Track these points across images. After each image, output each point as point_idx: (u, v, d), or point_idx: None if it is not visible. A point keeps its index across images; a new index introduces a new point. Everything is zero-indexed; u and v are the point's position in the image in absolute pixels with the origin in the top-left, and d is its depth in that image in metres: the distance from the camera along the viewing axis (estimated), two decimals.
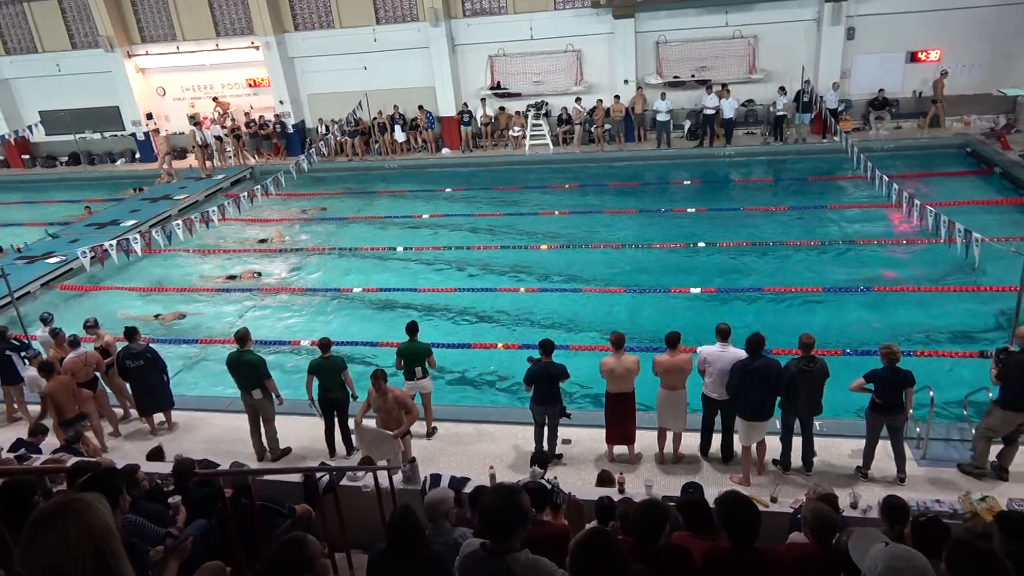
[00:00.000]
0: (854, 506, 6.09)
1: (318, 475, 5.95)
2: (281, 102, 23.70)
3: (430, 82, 22.45)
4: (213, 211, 15.61)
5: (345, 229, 17.45)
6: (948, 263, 12.34)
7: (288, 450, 8.74)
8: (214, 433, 9.24)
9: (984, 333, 10.36)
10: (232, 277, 14.81)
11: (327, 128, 22.89)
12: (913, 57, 19.93)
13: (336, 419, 8.55)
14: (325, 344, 8.45)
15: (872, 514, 5.67)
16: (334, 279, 14.42)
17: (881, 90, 19.81)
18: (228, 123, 23.53)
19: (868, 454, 7.43)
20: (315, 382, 8.43)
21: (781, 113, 19.72)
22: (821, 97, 19.62)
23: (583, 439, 8.43)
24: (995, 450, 7.32)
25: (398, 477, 6.47)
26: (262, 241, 16.23)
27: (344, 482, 6.41)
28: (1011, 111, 19.14)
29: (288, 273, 15.11)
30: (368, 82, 22.82)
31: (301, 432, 8.96)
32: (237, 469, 6.33)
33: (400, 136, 22.53)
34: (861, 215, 15.23)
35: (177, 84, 24.94)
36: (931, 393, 7.44)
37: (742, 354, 7.34)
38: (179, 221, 15.13)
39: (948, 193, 15.65)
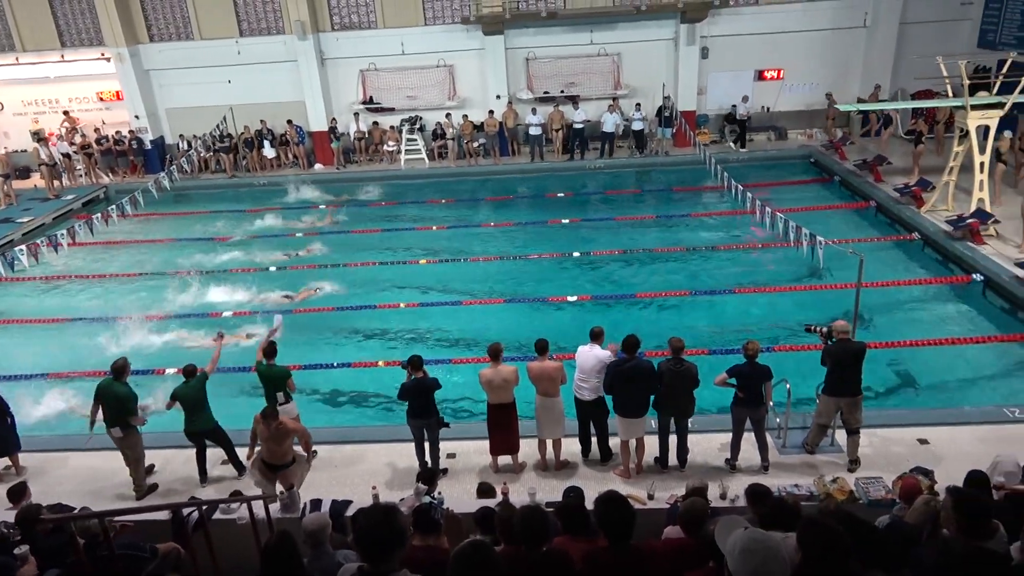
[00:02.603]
0: (723, 496, 6.46)
1: (186, 511, 5.60)
2: (137, 117, 22.30)
3: (299, 96, 21.87)
4: (62, 234, 14.44)
5: (213, 249, 16.61)
6: (798, 265, 13.36)
7: (154, 487, 8.20)
8: (84, 473, 8.54)
9: None
10: (288, 296, 13.69)
11: (189, 144, 21.77)
12: (760, 75, 21.54)
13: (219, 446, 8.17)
14: (190, 371, 8.08)
15: (740, 502, 6.02)
16: (200, 301, 13.68)
17: (734, 105, 21.24)
18: (77, 139, 21.87)
19: (735, 446, 7.89)
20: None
21: (638, 128, 20.67)
22: (678, 111, 20.82)
23: (467, 452, 8.43)
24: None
25: (276, 506, 6.21)
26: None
27: (217, 515, 6.08)
28: (846, 125, 21.07)
29: (155, 297, 14.19)
30: (233, 96, 21.92)
31: (173, 464, 8.47)
32: (88, 512, 5.85)
33: (269, 152, 21.78)
34: (721, 222, 16.22)
35: (17, 98, 22.89)
36: (787, 386, 8.02)
37: (606, 355, 7.62)
38: (23, 247, 13.89)
39: (795, 200, 16.94)
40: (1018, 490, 5.70)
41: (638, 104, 20.76)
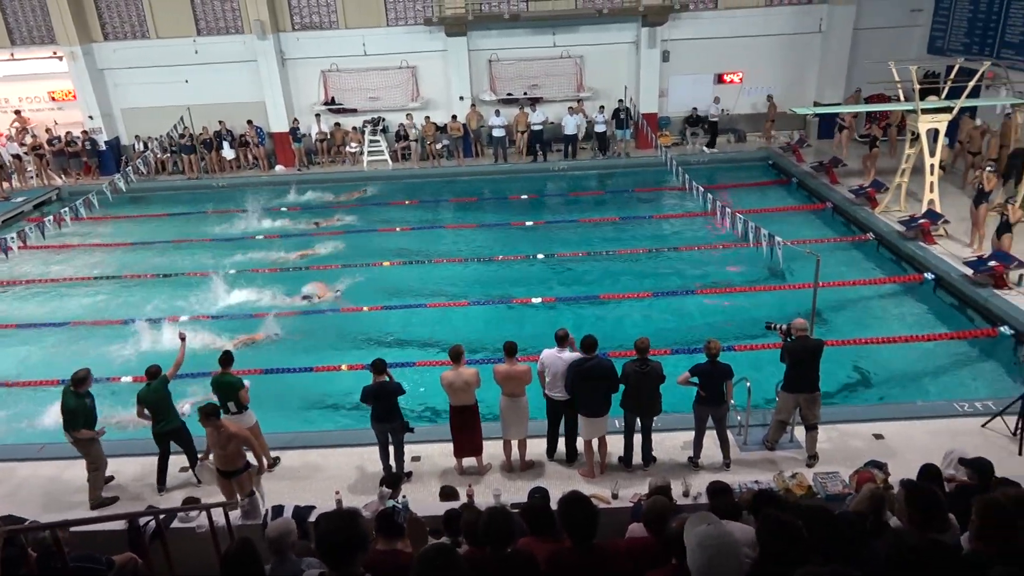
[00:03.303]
0: (686, 494, 6.52)
1: (142, 520, 5.47)
2: (91, 117, 21.74)
3: (260, 97, 21.55)
4: (12, 238, 14.02)
5: (170, 251, 16.28)
6: (758, 265, 13.59)
7: (114, 499, 7.99)
8: (36, 483, 8.30)
9: None
10: (307, 297, 13.34)
11: (145, 145, 21.30)
12: (720, 79, 21.87)
13: (181, 449, 8.04)
14: (154, 372, 7.92)
15: (702, 500, 6.10)
16: (156, 304, 13.39)
17: (695, 108, 21.55)
18: (28, 140, 21.24)
19: (697, 444, 8.00)
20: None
21: (600, 130, 20.83)
22: (640, 113, 21.04)
23: (432, 454, 8.41)
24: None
25: (236, 513, 6.10)
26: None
27: (175, 524, 5.96)
28: (802, 128, 21.52)
29: (104, 301, 13.85)
30: (191, 96, 21.49)
31: (129, 473, 8.30)
32: (40, 524, 5.68)
33: (229, 153, 21.42)
34: (683, 223, 16.42)
35: None
36: (748, 384, 8.16)
37: (574, 356, 7.66)
38: None
39: (754, 201, 17.27)
40: (969, 482, 5.87)
41: (601, 106, 20.92)
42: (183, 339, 8.64)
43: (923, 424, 8.50)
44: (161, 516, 5.54)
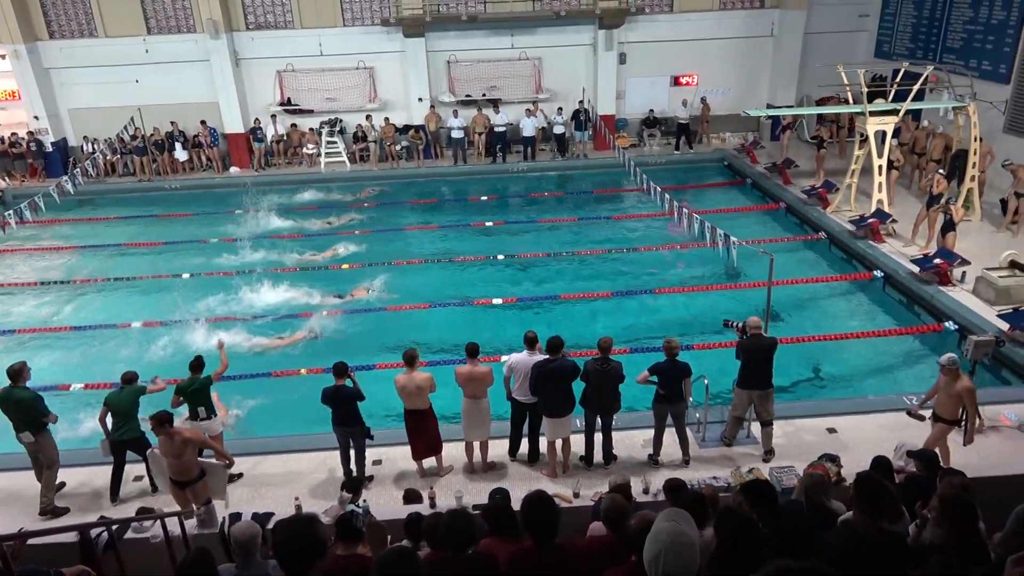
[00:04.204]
0: (646, 491, 6.61)
1: (94, 531, 5.33)
2: (36, 118, 21.04)
3: (213, 97, 21.14)
4: None
5: (121, 257, 15.86)
6: (715, 264, 13.82)
7: (65, 510, 7.75)
8: None
9: None
10: (340, 296, 13.22)
11: (94, 146, 20.72)
12: (676, 81, 22.18)
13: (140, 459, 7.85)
14: (129, 378, 7.81)
15: (662, 497, 6.18)
16: (110, 313, 13.04)
17: (651, 110, 21.81)
18: None
19: (657, 442, 8.11)
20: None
21: (559, 131, 20.96)
22: (598, 115, 21.23)
23: (394, 458, 8.35)
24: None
25: (192, 522, 5.97)
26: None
27: (129, 534, 5.81)
28: (756, 129, 21.95)
29: (55, 309, 13.43)
30: (141, 96, 20.96)
31: (80, 482, 8.08)
32: None
33: (182, 154, 20.96)
34: (641, 224, 16.60)
35: None
36: (706, 382, 8.30)
37: (542, 358, 7.70)
38: None
39: (710, 202, 17.56)
40: (918, 473, 6.07)
41: (559, 108, 21.03)
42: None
43: (874, 418, 8.74)
44: (114, 527, 5.41)
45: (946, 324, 11.09)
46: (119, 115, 20.59)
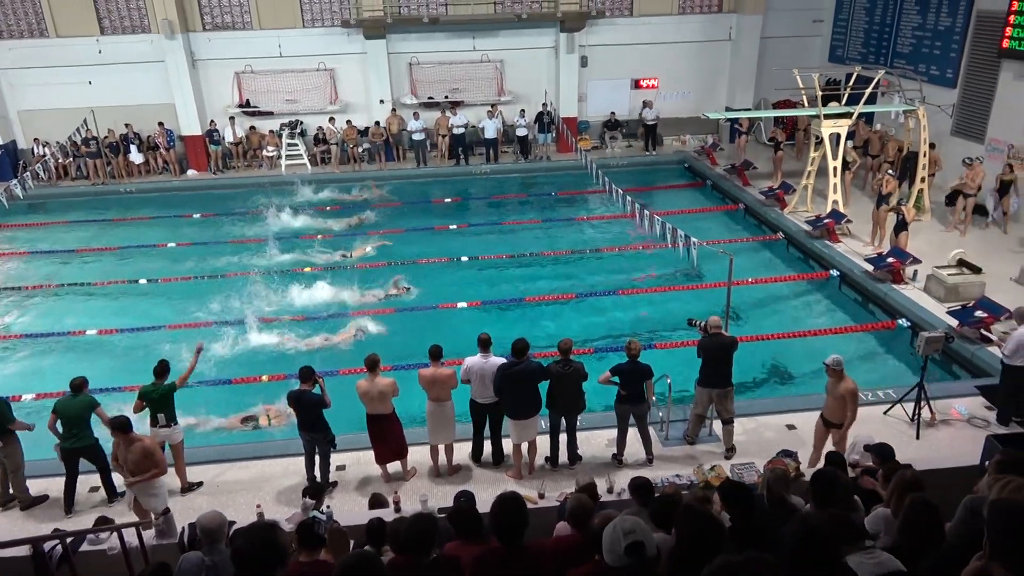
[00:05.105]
0: (610, 491, 6.67)
1: (48, 545, 5.19)
2: None
3: (169, 99, 20.71)
4: None
5: (73, 262, 15.46)
6: (676, 265, 13.99)
7: (44, 498, 7.67)
8: None
9: None
10: (393, 291, 13.31)
11: (45, 149, 20.14)
12: (637, 84, 22.42)
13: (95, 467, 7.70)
14: (78, 385, 7.59)
15: (626, 496, 6.24)
16: (61, 321, 12.70)
17: (613, 112, 22.00)
18: None
19: (620, 442, 8.18)
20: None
21: (522, 134, 21.05)
22: (561, 118, 21.36)
23: (358, 462, 8.29)
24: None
25: (150, 533, 5.85)
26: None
27: (85, 547, 5.67)
28: (715, 132, 22.31)
29: (4, 317, 13.03)
30: (95, 98, 20.46)
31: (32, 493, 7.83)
32: None
33: (137, 157, 20.50)
34: (603, 226, 16.74)
35: None
36: (668, 381, 8.41)
37: (500, 361, 7.71)
38: None
39: (671, 203, 17.78)
40: (873, 467, 6.23)
41: (522, 110, 21.10)
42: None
43: None
44: (68, 539, 5.27)
45: (899, 321, 11.40)
46: (71, 117, 20.07)
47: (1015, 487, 3.59)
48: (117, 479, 7.69)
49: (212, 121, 20.79)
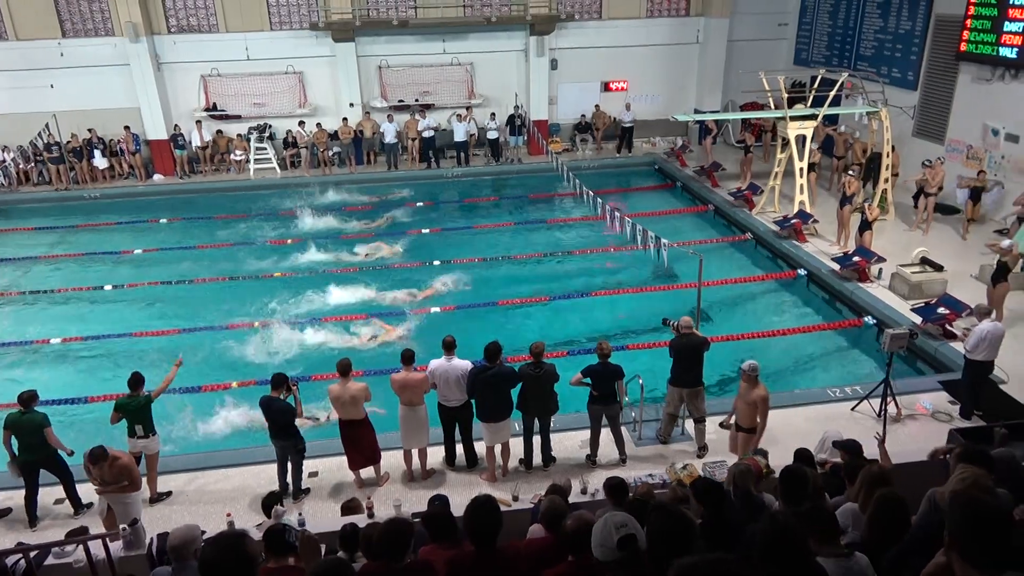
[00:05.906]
0: (584, 491, 6.70)
1: (10, 559, 5.07)
2: None
3: (134, 103, 20.37)
4: None
5: (35, 269, 15.11)
6: (647, 266, 14.10)
7: (7, 511, 7.56)
8: None
9: None
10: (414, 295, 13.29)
11: (5, 154, 19.66)
12: (606, 87, 22.58)
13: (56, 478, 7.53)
14: (28, 398, 7.39)
15: (600, 496, 6.27)
16: (24, 329, 12.42)
17: (583, 115, 22.12)
18: None
19: (594, 443, 8.22)
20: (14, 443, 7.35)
21: (493, 136, 21.06)
22: (532, 121, 21.43)
23: (331, 468, 8.23)
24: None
25: (117, 544, 5.74)
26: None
27: (50, 560, 5.55)
28: (684, 134, 22.54)
29: None
30: (57, 102, 20.04)
31: None
32: None
33: (101, 162, 20.11)
34: (575, 228, 16.82)
35: None
36: (640, 381, 8.46)
37: (467, 364, 7.71)
38: None
39: (642, 205, 17.92)
40: (842, 463, 6.33)
41: (493, 113, 21.12)
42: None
43: (801, 411, 9.07)
44: (32, 553, 5.15)
45: (865, 319, 11.61)
46: (33, 121, 19.64)
47: (970, 479, 3.70)
48: (82, 490, 7.55)
49: (176, 126, 20.48)
